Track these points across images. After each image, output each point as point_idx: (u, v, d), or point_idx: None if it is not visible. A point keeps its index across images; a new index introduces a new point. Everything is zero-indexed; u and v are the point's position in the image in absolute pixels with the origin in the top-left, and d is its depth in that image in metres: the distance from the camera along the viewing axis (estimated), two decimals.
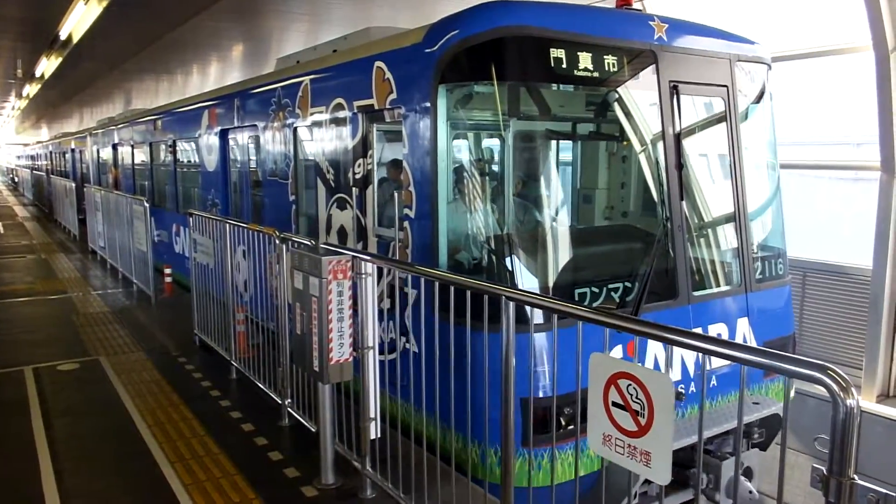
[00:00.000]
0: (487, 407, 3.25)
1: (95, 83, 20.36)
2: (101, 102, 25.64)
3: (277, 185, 7.25)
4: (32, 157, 41.63)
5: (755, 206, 5.60)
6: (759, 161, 5.79)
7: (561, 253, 4.88)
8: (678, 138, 4.94)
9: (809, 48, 8.48)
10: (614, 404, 2.43)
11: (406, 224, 4.96)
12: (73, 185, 18.21)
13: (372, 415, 4.09)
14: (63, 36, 13.65)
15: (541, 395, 4.08)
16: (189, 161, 10.90)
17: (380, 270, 4.53)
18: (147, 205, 9.85)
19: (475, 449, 4.13)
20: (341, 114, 5.78)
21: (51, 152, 30.92)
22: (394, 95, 5.05)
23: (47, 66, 17.76)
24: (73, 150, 23.88)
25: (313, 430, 4.77)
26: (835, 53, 8.05)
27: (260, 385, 5.86)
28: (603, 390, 2.46)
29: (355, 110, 5.56)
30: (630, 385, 2.37)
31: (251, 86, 8.15)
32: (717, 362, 4.56)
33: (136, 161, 14.62)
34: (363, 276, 4.03)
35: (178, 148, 11.30)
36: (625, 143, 5.77)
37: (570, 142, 6.30)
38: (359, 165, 5.56)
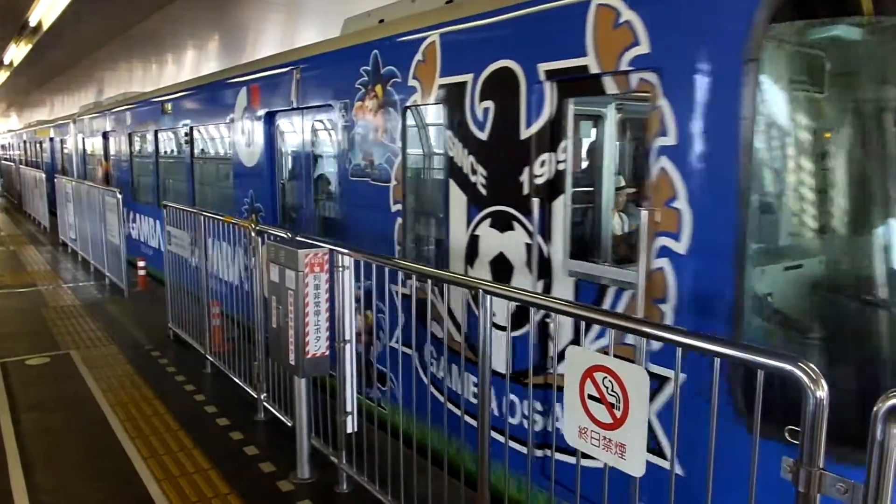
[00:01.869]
0: None
1: (70, 70, 19.89)
2: (78, 89, 24.91)
3: (369, 190, 5.26)
4: (3, 147, 40.61)
5: None
6: None
7: None
8: None
9: None
10: (590, 397, 2.45)
11: (664, 262, 3.09)
12: (43, 175, 17.76)
13: (348, 409, 4.07)
14: (33, 22, 13.34)
15: None
16: (213, 153, 9.05)
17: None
18: (120, 196, 9.63)
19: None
20: (508, 83, 3.91)
21: (25, 142, 29.18)
22: (642, 50, 3.16)
23: (16, 52, 17.34)
24: (51, 140, 21.70)
25: (289, 424, 4.74)
26: None
27: (235, 379, 5.80)
28: (579, 383, 2.48)
29: (542, 78, 3.71)
30: (606, 378, 2.38)
31: (323, 51, 5.99)
32: None
33: (134, 152, 12.44)
34: (340, 269, 4.00)
35: (196, 136, 9.37)
36: None
37: None
38: (542, 164, 3.74)
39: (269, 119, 6.98)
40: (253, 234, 5.15)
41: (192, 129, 9.39)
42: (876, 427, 1.66)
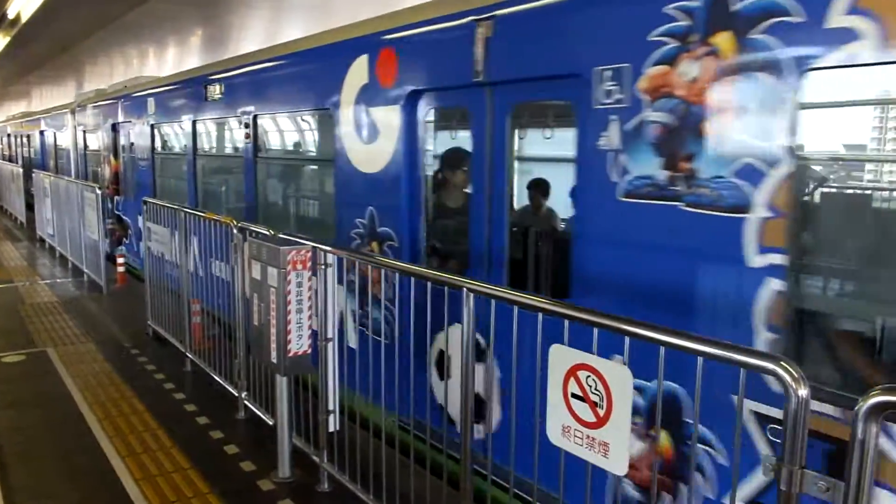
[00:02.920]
0: None
1: (54, 61, 19.50)
2: (65, 80, 24.31)
3: (679, 222, 3.04)
4: None
5: None
6: None
7: None
8: None
9: None
10: (573, 395, 2.45)
11: None
12: (21, 170, 17.42)
13: (330, 407, 4.04)
14: (11, 15, 13.12)
15: None
16: (293, 151, 7.02)
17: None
18: (100, 191, 9.46)
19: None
20: None
21: (9, 135, 27.54)
22: None
23: None
24: (42, 134, 19.68)
25: (270, 423, 4.70)
26: None
27: (216, 377, 5.74)
28: (563, 382, 2.47)
29: None
30: (589, 376, 2.38)
31: None
32: None
33: (156, 148, 10.10)
34: (323, 266, 3.97)
35: (263, 127, 7.08)
36: None
37: None
38: None
39: (412, 102, 4.70)
40: (235, 230, 5.10)
41: (255, 117, 6.93)
42: (857, 425, 1.67)
